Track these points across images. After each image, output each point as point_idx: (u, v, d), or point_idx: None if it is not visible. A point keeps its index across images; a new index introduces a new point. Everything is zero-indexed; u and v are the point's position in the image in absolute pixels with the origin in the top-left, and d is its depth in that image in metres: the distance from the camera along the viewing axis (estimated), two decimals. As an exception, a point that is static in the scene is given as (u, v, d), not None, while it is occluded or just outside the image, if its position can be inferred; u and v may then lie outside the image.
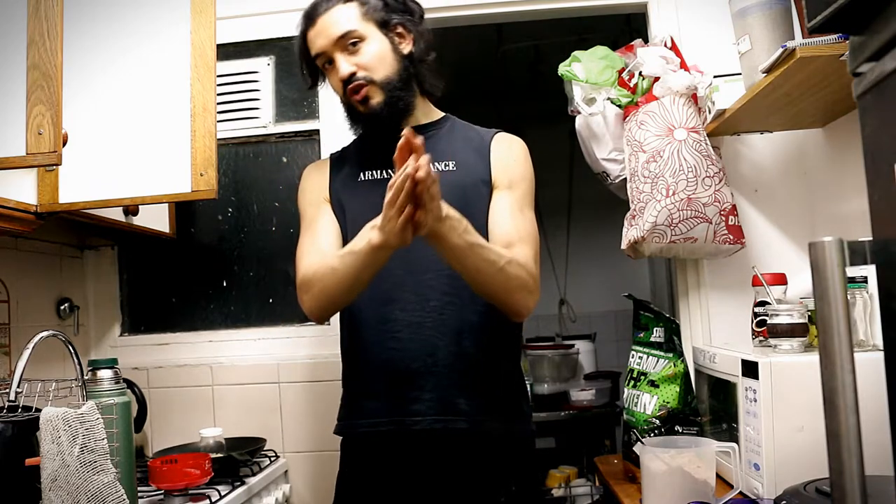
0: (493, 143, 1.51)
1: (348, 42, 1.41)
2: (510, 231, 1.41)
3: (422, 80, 1.50)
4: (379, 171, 1.49)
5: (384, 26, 1.44)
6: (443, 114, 1.57)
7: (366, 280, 1.33)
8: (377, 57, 1.42)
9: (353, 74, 1.40)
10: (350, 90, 1.42)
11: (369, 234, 1.25)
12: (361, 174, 1.51)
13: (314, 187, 1.55)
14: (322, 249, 1.44)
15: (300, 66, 1.52)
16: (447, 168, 1.47)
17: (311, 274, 1.40)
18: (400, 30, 1.46)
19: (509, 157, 1.50)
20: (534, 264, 1.39)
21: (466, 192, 1.43)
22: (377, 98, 1.42)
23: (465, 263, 1.29)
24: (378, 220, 1.23)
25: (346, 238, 1.46)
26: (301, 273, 1.43)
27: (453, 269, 1.31)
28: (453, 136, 1.52)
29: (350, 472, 1.49)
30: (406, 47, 1.46)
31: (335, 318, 1.55)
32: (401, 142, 1.17)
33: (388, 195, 1.18)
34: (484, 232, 1.40)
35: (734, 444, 1.39)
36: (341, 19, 1.41)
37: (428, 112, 1.55)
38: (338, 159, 1.59)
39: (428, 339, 1.39)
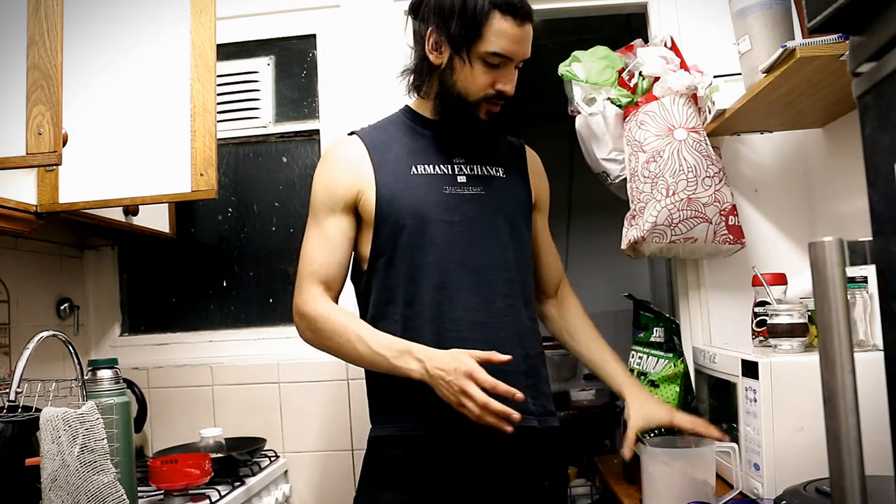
0: (527, 155, 1.58)
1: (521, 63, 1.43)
2: (559, 264, 1.70)
3: None
4: (433, 166, 1.45)
5: None
6: None
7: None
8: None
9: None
10: (495, 102, 1.42)
11: (409, 361, 1.29)
12: (414, 167, 1.44)
13: (341, 184, 1.45)
14: (322, 276, 1.43)
15: (459, 23, 1.35)
16: (498, 173, 1.50)
17: (315, 315, 1.40)
18: None
19: (542, 175, 1.60)
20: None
21: (513, 194, 1.50)
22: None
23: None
24: (428, 357, 1.27)
25: (378, 226, 1.42)
26: (303, 303, 1.42)
27: None
28: (497, 140, 1.55)
29: (399, 472, 1.41)
30: None
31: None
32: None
33: (467, 397, 1.22)
34: (523, 244, 1.50)
35: (734, 444, 1.39)
36: (530, 41, 1.42)
37: None
38: (377, 145, 1.47)
39: (492, 341, 1.36)
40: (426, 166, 1.45)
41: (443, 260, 1.40)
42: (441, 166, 1.45)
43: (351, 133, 1.52)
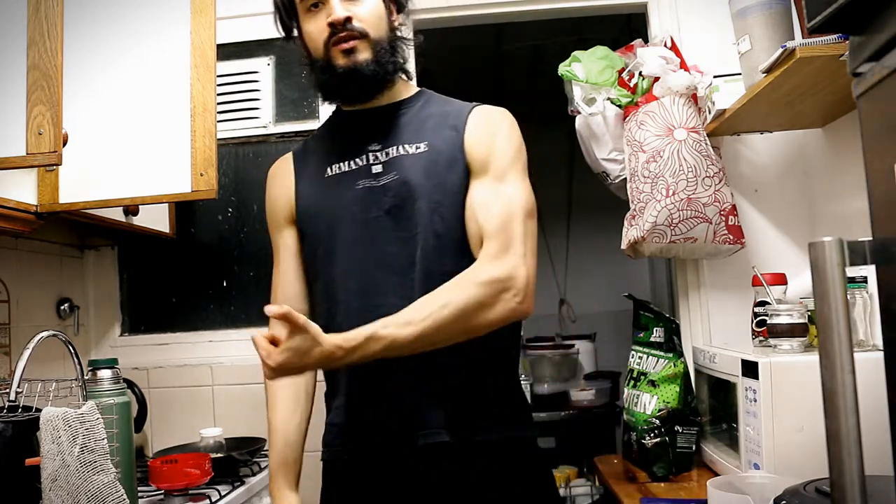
0: (470, 117, 1.30)
1: None
2: (481, 225, 1.22)
3: (403, 58, 1.35)
4: (346, 163, 1.32)
5: None
6: (418, 89, 1.40)
7: None
8: (375, 15, 1.28)
9: (348, 20, 1.24)
10: (338, 38, 1.24)
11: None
12: (328, 168, 1.34)
13: (276, 202, 1.39)
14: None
15: (276, 9, 1.34)
16: (417, 150, 1.29)
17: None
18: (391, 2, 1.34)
19: (487, 131, 1.29)
20: (503, 254, 1.18)
21: (438, 170, 1.26)
22: (365, 54, 1.25)
23: (425, 342, 1.13)
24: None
25: (318, 249, 1.31)
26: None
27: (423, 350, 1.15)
28: (427, 112, 1.34)
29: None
30: (395, 20, 1.34)
31: None
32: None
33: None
34: (459, 217, 1.25)
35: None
36: None
37: (404, 88, 1.37)
38: (301, 153, 1.42)
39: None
40: (341, 164, 1.33)
41: (354, 267, 1.26)
42: (356, 160, 1.31)
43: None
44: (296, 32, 1.34)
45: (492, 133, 1.29)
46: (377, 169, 1.29)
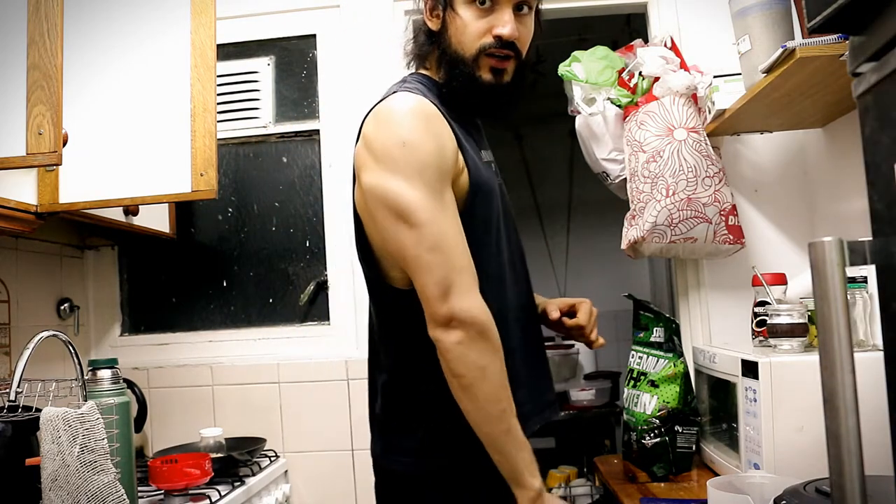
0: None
1: (521, 2, 1.17)
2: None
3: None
4: (486, 153, 1.28)
5: (538, 5, 1.25)
6: None
7: None
8: (530, 35, 1.22)
9: (513, 40, 1.16)
10: (496, 52, 1.16)
11: (535, 483, 1.09)
12: (483, 153, 1.26)
13: (447, 153, 1.12)
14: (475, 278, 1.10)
15: None
16: (492, 160, 1.31)
17: (494, 331, 1.08)
18: (541, 12, 1.27)
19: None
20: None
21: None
22: (509, 76, 1.19)
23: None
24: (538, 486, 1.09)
25: (492, 232, 1.19)
26: (477, 308, 1.06)
27: None
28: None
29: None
30: (538, 30, 1.28)
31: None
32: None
33: None
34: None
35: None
36: None
37: None
38: (448, 119, 1.16)
39: None
40: (483, 153, 1.26)
41: (512, 258, 1.26)
42: (485, 152, 1.27)
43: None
44: (442, 21, 1.19)
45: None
46: (495, 168, 1.29)
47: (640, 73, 1.93)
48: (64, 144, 1.32)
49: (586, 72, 1.97)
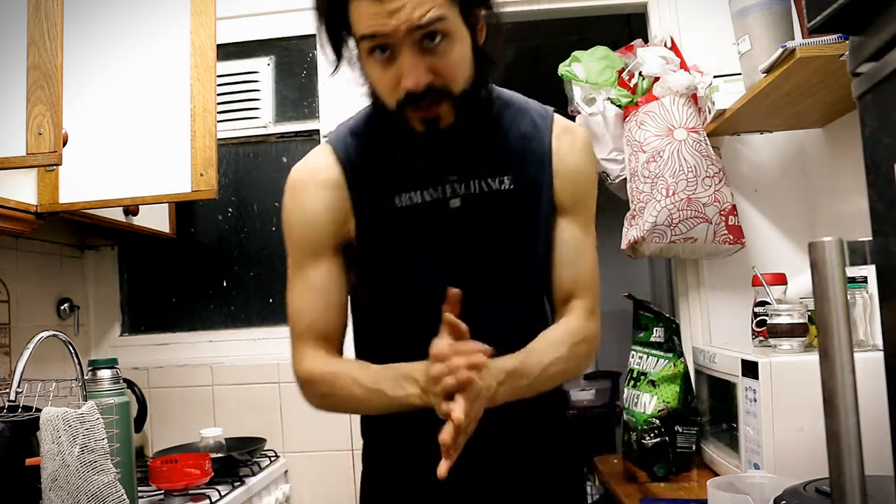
0: (553, 139, 1.10)
1: (425, 34, 0.93)
2: (573, 275, 1.11)
3: (493, 76, 1.09)
4: (420, 193, 1.07)
5: (467, 11, 0.98)
6: (489, 91, 1.10)
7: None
8: (460, 60, 0.98)
9: (429, 86, 0.95)
10: (416, 106, 0.97)
11: (408, 388, 0.99)
12: (397, 198, 1.07)
13: (316, 222, 1.09)
14: (320, 332, 1.11)
15: (322, 35, 1.02)
16: (502, 186, 1.07)
17: (316, 385, 1.11)
18: (478, 15, 1.01)
19: (576, 161, 1.10)
20: (594, 316, 1.13)
21: (528, 221, 1.09)
22: (448, 119, 0.99)
23: (535, 391, 1.05)
24: (420, 378, 0.97)
25: (374, 285, 1.12)
26: (303, 374, 1.11)
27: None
28: (509, 129, 1.10)
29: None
30: (480, 38, 1.02)
31: None
32: (446, 312, 0.93)
33: (434, 370, 0.92)
34: (538, 263, 1.11)
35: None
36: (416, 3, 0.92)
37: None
38: (354, 167, 1.10)
39: None
40: (412, 193, 1.07)
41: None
42: (430, 191, 1.07)
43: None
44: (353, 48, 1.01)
45: (582, 166, 1.12)
46: (455, 204, 1.07)
47: (640, 73, 1.93)
48: (64, 144, 1.32)
49: (586, 72, 1.98)
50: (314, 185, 1.10)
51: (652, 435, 1.68)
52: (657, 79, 1.88)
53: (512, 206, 1.08)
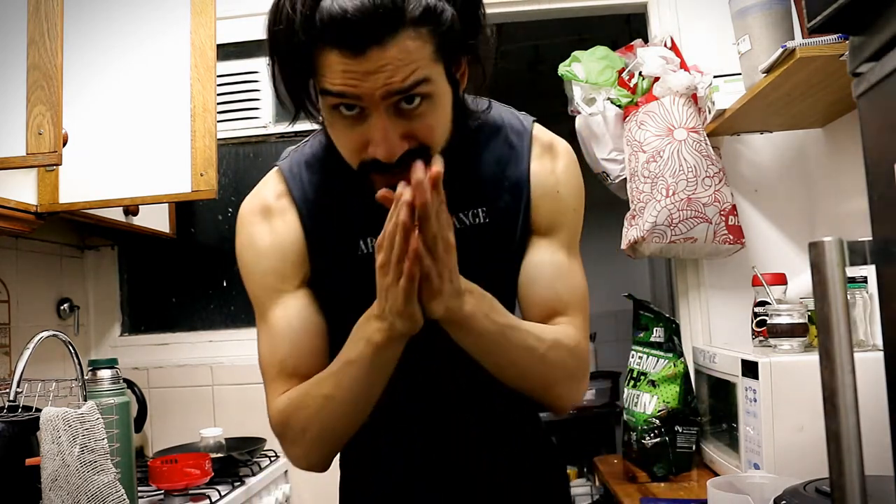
0: (532, 161, 1.00)
1: (404, 97, 0.81)
2: (554, 294, 0.99)
3: (468, 126, 0.98)
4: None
5: (451, 61, 0.87)
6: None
7: (377, 394, 0.94)
8: (441, 119, 0.88)
9: (405, 151, 0.84)
10: (391, 174, 0.83)
11: (366, 329, 0.88)
12: (362, 242, 0.98)
13: (271, 256, 1.05)
14: (291, 371, 1.01)
15: (279, 83, 0.90)
16: (476, 220, 0.98)
17: (290, 417, 1.01)
18: (462, 62, 0.90)
19: (557, 183, 1.00)
20: (584, 338, 0.99)
21: (500, 244, 0.99)
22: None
23: (496, 354, 0.92)
24: (374, 307, 0.86)
25: (338, 324, 0.99)
26: (275, 415, 1.03)
27: (480, 361, 0.92)
28: (482, 157, 1.00)
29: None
30: (462, 85, 0.92)
31: None
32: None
33: (379, 256, 0.81)
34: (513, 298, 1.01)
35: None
36: (409, 58, 0.79)
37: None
38: (310, 209, 1.01)
39: None
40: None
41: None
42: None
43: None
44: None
45: (563, 187, 1.02)
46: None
47: (640, 73, 1.93)
48: (64, 144, 1.32)
49: (586, 72, 1.98)
50: (266, 218, 1.06)
51: (652, 435, 1.68)
52: (657, 79, 1.88)
53: (488, 237, 0.98)
